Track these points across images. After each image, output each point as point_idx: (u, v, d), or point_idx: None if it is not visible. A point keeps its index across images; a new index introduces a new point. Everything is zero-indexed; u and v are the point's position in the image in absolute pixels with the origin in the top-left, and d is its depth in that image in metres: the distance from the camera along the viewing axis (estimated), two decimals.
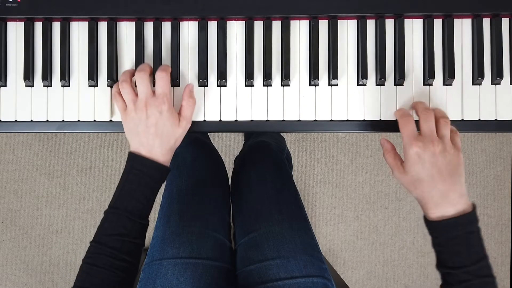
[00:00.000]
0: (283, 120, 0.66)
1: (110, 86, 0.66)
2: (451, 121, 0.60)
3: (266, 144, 0.91)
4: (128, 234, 0.58)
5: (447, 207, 0.56)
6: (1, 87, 0.66)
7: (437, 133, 0.58)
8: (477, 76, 0.64)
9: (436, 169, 0.56)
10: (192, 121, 0.66)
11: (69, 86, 0.66)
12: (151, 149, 0.60)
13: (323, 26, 0.66)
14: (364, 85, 0.66)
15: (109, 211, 0.59)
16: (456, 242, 0.55)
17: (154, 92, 0.61)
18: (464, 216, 0.55)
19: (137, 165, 0.60)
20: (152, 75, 0.64)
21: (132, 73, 0.63)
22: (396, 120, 0.65)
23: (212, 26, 0.66)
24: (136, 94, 0.60)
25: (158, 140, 0.60)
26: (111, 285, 0.57)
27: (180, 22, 0.66)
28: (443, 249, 0.56)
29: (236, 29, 0.66)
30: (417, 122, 0.60)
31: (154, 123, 0.59)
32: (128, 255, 0.58)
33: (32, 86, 0.66)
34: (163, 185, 0.80)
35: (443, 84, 0.65)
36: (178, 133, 0.62)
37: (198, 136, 0.92)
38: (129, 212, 0.58)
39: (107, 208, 0.59)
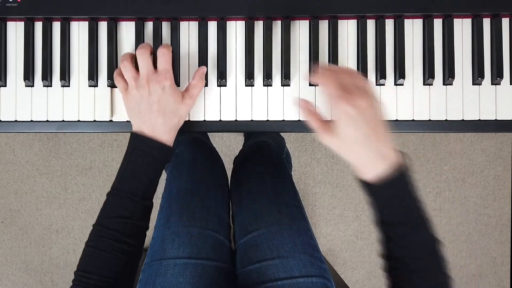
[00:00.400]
0: (283, 120, 0.66)
1: (110, 86, 0.66)
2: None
3: (265, 144, 0.91)
4: (131, 216, 0.56)
5: (381, 163, 0.52)
6: (1, 87, 0.66)
7: (357, 86, 0.53)
8: (477, 76, 0.64)
9: (370, 126, 0.51)
10: (192, 121, 0.66)
11: (69, 86, 0.66)
12: (154, 127, 0.58)
13: (323, 26, 0.66)
14: None
15: (111, 192, 0.58)
16: (393, 199, 0.53)
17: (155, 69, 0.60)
18: (398, 169, 0.52)
19: (139, 145, 0.58)
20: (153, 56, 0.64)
21: (132, 55, 0.62)
22: (396, 120, 0.65)
23: (212, 26, 0.66)
24: (138, 72, 0.59)
25: (161, 117, 0.58)
26: (114, 269, 0.56)
27: (180, 22, 0.66)
28: (381, 207, 0.54)
29: (236, 29, 0.66)
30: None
31: (156, 99, 0.58)
32: (131, 238, 0.57)
33: (32, 86, 0.66)
34: (163, 185, 0.80)
35: (443, 84, 0.66)
36: (182, 110, 0.60)
37: (198, 136, 0.92)
38: (131, 193, 0.57)
39: (109, 190, 0.58)
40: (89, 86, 0.66)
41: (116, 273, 0.56)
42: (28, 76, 0.65)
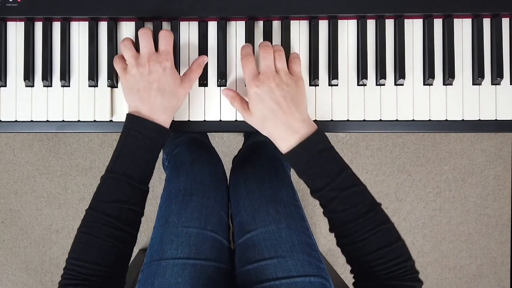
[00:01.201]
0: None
1: (110, 86, 0.66)
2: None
3: (264, 144, 0.91)
4: (127, 200, 0.55)
5: (292, 135, 0.57)
6: (1, 87, 0.66)
7: (275, 67, 0.59)
8: (477, 76, 0.64)
9: (276, 103, 0.57)
10: (192, 121, 0.66)
11: (69, 86, 0.66)
12: (152, 106, 0.58)
13: (323, 26, 0.66)
14: (364, 85, 0.66)
15: (106, 176, 0.56)
16: (310, 165, 0.56)
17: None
18: (307, 139, 0.56)
19: (135, 126, 0.57)
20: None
21: (133, 40, 0.63)
22: (396, 120, 0.66)
23: (212, 26, 0.66)
24: (138, 53, 0.60)
25: (159, 96, 0.58)
26: (109, 257, 0.54)
27: (180, 22, 0.66)
28: (304, 176, 0.58)
29: (236, 29, 0.66)
30: None
31: (156, 78, 0.58)
32: (127, 224, 0.55)
33: (32, 86, 0.66)
34: (163, 186, 0.80)
35: (443, 84, 0.66)
36: (180, 93, 0.61)
37: (197, 136, 0.92)
38: (128, 176, 0.56)
39: (104, 173, 0.57)
40: (89, 86, 0.66)
41: (112, 261, 0.55)
42: (28, 76, 0.65)
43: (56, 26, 0.66)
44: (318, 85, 0.66)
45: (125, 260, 0.58)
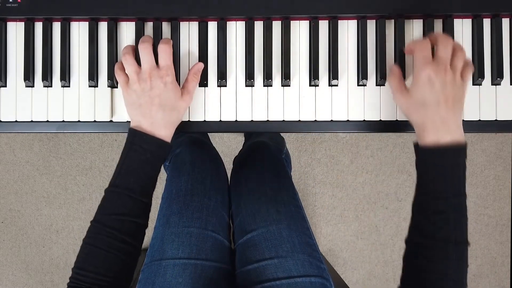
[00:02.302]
0: (283, 120, 0.66)
1: (110, 86, 0.66)
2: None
3: (264, 144, 0.91)
4: (129, 213, 0.56)
5: (445, 133, 0.55)
6: (1, 87, 0.66)
7: (451, 63, 0.57)
8: (477, 76, 0.64)
9: (444, 95, 0.55)
10: (192, 122, 0.66)
11: (69, 86, 0.66)
12: (153, 121, 0.59)
13: (323, 26, 0.66)
14: (364, 85, 0.66)
15: (108, 189, 0.57)
16: (444, 170, 0.55)
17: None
18: (458, 146, 0.55)
19: (137, 141, 0.58)
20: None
21: (133, 48, 0.63)
22: (396, 120, 0.65)
23: (212, 27, 0.66)
24: (139, 67, 0.60)
25: (161, 111, 0.58)
26: (111, 267, 0.55)
27: (180, 22, 0.66)
28: (429, 176, 0.56)
29: (236, 30, 0.66)
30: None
31: (158, 94, 0.58)
32: (129, 236, 0.56)
33: (32, 86, 0.66)
34: (163, 186, 0.80)
35: None
36: (181, 106, 0.61)
37: (198, 137, 0.92)
38: (129, 190, 0.56)
39: (107, 186, 0.58)
40: (89, 86, 0.66)
41: (113, 272, 0.56)
42: (28, 77, 0.65)
43: (56, 26, 0.66)
44: (318, 85, 0.66)
45: (128, 271, 0.58)
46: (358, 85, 0.66)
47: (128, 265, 0.57)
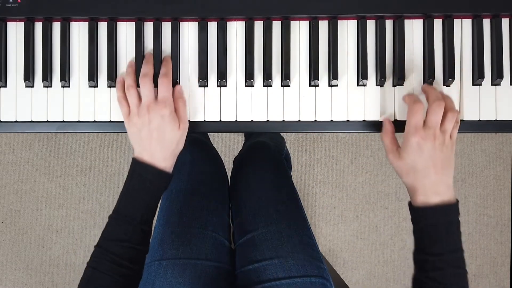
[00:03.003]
0: (283, 120, 0.66)
1: (110, 86, 0.66)
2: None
3: (264, 144, 0.91)
4: (129, 240, 0.58)
5: (434, 195, 0.58)
6: (1, 88, 0.66)
7: (441, 126, 0.59)
8: (477, 76, 0.64)
9: (432, 161, 0.58)
10: (192, 122, 0.66)
11: (69, 86, 0.66)
12: (153, 154, 0.60)
13: (323, 26, 0.66)
14: (364, 85, 0.66)
15: (111, 216, 0.60)
16: (437, 229, 0.57)
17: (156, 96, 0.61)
18: (448, 206, 0.58)
19: (138, 170, 0.60)
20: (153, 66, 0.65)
21: (134, 73, 0.63)
22: (395, 120, 0.65)
23: (212, 27, 0.66)
24: (140, 99, 0.61)
25: (160, 144, 0.60)
26: None
27: (180, 23, 0.66)
28: (424, 235, 0.59)
29: (236, 30, 0.66)
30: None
31: (156, 127, 0.60)
32: (129, 261, 0.58)
33: (32, 86, 0.66)
34: None
35: (443, 85, 0.65)
36: (179, 136, 0.62)
37: (198, 137, 0.92)
38: (130, 217, 0.59)
39: (111, 212, 0.60)
40: (89, 86, 0.66)
41: None
42: (28, 77, 0.65)
43: (56, 27, 0.66)
44: (318, 86, 0.66)
45: None
46: (358, 85, 0.66)
47: (128, 287, 0.59)
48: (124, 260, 0.57)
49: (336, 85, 0.66)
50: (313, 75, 0.65)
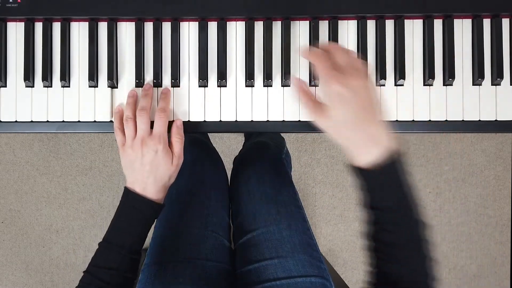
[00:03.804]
0: (283, 120, 0.66)
1: (110, 86, 0.66)
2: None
3: (265, 144, 0.91)
4: (118, 268, 0.59)
5: (374, 148, 0.51)
6: (2, 88, 0.66)
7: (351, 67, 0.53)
8: (477, 76, 0.64)
9: (361, 106, 0.51)
10: (192, 122, 0.66)
11: (69, 86, 0.66)
12: (145, 186, 0.61)
13: (323, 26, 0.66)
14: None
15: (101, 243, 0.60)
16: (385, 185, 0.52)
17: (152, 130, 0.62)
18: (391, 156, 0.51)
19: (130, 201, 0.61)
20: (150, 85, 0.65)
21: (135, 104, 0.64)
22: (395, 121, 0.65)
23: (212, 27, 0.66)
24: (136, 132, 0.62)
25: (152, 177, 0.61)
26: None
27: (180, 23, 0.66)
28: (372, 192, 0.53)
29: (236, 30, 0.66)
30: None
31: (149, 161, 0.61)
32: None
33: (32, 86, 0.66)
34: None
35: (443, 85, 0.65)
36: (172, 170, 0.63)
37: (198, 137, 0.92)
38: (119, 246, 0.59)
39: (101, 240, 0.61)
40: (89, 86, 0.66)
41: None
42: (28, 77, 0.65)
43: (56, 27, 0.66)
44: (318, 86, 0.66)
45: None
46: None
47: None
48: (112, 286, 0.58)
49: None
50: (313, 75, 0.65)
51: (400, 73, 0.64)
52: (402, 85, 0.65)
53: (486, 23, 0.65)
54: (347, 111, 0.51)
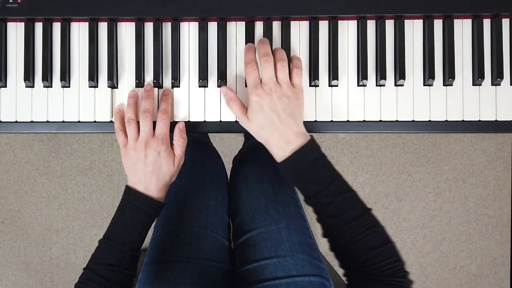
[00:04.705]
0: None
1: (110, 86, 0.66)
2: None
3: None
4: (119, 265, 0.60)
5: (287, 145, 0.59)
6: (2, 88, 0.66)
7: (276, 78, 0.60)
8: (477, 76, 0.64)
9: (275, 114, 0.59)
10: (192, 122, 0.66)
11: (69, 86, 0.66)
12: (148, 186, 0.62)
13: (323, 26, 0.66)
14: (364, 85, 0.66)
15: (102, 241, 0.61)
16: (306, 173, 0.59)
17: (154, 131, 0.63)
18: (302, 148, 0.59)
19: (132, 199, 0.62)
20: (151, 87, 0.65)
21: (136, 105, 0.64)
22: (396, 121, 0.65)
23: (212, 27, 0.66)
24: (139, 133, 0.63)
25: (154, 177, 0.62)
26: None
27: (180, 23, 0.66)
28: (298, 184, 0.61)
29: (236, 30, 0.66)
30: None
31: (152, 162, 0.62)
32: (118, 285, 0.59)
33: (33, 86, 0.66)
34: None
35: (443, 85, 0.66)
36: (173, 171, 0.64)
37: (198, 137, 0.92)
38: (120, 244, 0.60)
39: (101, 237, 0.61)
40: (89, 86, 0.66)
41: None
42: (29, 77, 0.65)
43: (56, 27, 0.66)
44: (318, 86, 0.66)
45: None
46: (358, 85, 0.66)
47: None
48: (113, 283, 0.59)
49: (336, 85, 0.66)
50: (313, 75, 0.65)
51: (400, 73, 0.64)
52: (402, 85, 0.65)
53: (486, 23, 0.65)
54: (263, 116, 0.60)
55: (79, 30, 0.66)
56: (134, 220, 0.61)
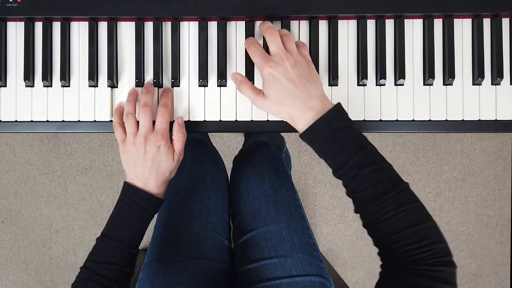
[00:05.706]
0: (283, 120, 0.66)
1: (110, 86, 0.66)
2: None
3: (264, 144, 0.91)
4: (117, 262, 0.59)
5: (308, 112, 0.57)
6: (1, 87, 0.66)
7: (285, 49, 0.59)
8: (477, 76, 0.64)
9: (292, 82, 0.57)
10: (192, 121, 0.66)
11: (69, 86, 0.66)
12: (147, 182, 0.62)
13: (323, 26, 0.66)
14: (364, 85, 0.66)
15: (100, 238, 0.60)
16: (329, 144, 0.55)
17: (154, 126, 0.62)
18: (323, 117, 0.56)
19: (131, 195, 0.61)
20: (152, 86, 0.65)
21: (135, 101, 0.64)
22: (396, 120, 0.65)
23: (212, 27, 0.66)
24: (137, 128, 0.62)
25: (154, 173, 0.62)
26: None
27: (180, 23, 0.66)
28: (323, 155, 0.57)
29: (236, 30, 0.66)
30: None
31: (151, 157, 0.61)
32: (116, 283, 0.59)
33: (32, 86, 0.66)
34: None
35: (443, 84, 0.66)
36: (173, 166, 0.64)
37: (198, 136, 0.92)
38: (119, 241, 0.59)
39: (99, 235, 0.61)
40: (89, 86, 0.66)
41: None
42: (28, 76, 0.65)
43: (56, 26, 0.66)
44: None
45: None
46: (358, 84, 0.66)
47: None
48: (112, 282, 0.58)
49: (336, 85, 0.66)
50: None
51: (400, 73, 0.64)
52: (402, 84, 0.65)
53: (486, 23, 0.65)
54: (280, 88, 0.58)
55: (79, 30, 0.66)
56: (133, 217, 0.61)
